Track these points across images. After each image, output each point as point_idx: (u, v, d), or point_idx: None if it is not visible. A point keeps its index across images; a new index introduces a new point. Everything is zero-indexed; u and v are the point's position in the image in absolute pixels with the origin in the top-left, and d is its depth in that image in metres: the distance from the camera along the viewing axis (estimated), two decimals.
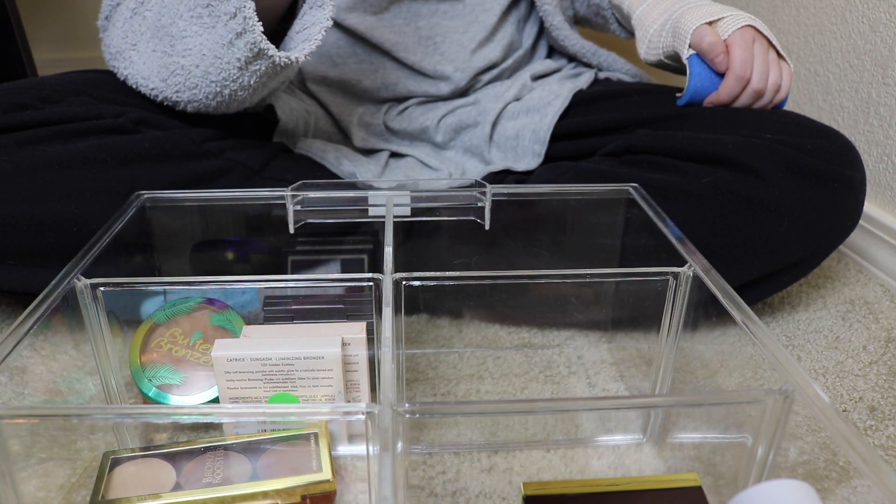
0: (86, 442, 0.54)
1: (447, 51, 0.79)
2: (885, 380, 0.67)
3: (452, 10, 0.80)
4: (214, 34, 0.61)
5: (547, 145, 0.78)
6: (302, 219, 0.62)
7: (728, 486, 0.47)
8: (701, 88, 0.72)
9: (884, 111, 0.88)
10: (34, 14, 1.61)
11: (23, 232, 0.62)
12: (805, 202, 0.65)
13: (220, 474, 0.48)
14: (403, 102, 0.81)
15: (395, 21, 0.78)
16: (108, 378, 0.54)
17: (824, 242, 0.69)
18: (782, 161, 0.65)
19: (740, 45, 0.69)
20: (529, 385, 0.66)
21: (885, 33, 0.86)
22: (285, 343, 0.52)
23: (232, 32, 0.59)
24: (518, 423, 0.59)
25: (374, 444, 0.38)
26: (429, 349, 0.71)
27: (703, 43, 0.69)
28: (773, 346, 0.41)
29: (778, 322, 0.77)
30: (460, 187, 0.65)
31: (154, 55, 0.66)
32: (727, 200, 0.65)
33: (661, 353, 0.57)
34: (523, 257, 0.71)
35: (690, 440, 0.55)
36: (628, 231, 0.66)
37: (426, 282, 0.52)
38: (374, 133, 0.81)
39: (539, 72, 0.85)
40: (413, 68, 0.79)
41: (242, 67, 0.61)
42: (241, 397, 0.53)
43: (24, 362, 0.55)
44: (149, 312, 0.58)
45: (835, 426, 0.35)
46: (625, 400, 0.42)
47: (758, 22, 0.71)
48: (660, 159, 0.69)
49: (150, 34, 0.66)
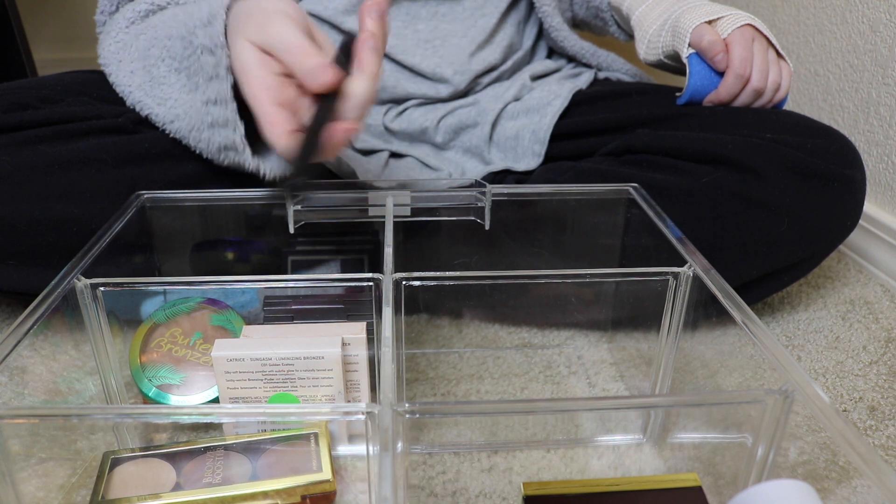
0: (86, 442, 0.54)
1: (446, 53, 0.79)
2: (885, 380, 0.67)
3: (452, 13, 0.80)
4: (194, 99, 0.58)
5: (547, 145, 0.78)
6: (302, 219, 0.62)
7: (728, 486, 0.47)
8: (700, 87, 0.72)
9: (884, 111, 0.88)
10: (34, 14, 1.61)
11: (23, 232, 0.61)
12: (805, 202, 0.65)
13: (220, 474, 0.48)
14: (403, 104, 0.81)
15: (393, 23, 0.78)
16: (108, 378, 0.54)
17: (824, 242, 0.69)
18: (782, 161, 0.65)
19: (740, 44, 0.69)
20: (529, 385, 0.66)
21: (885, 33, 0.86)
22: (285, 343, 0.52)
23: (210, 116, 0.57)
24: (518, 423, 0.59)
25: (374, 444, 0.38)
26: (429, 349, 0.71)
27: (702, 42, 0.69)
28: (773, 346, 0.41)
29: (778, 322, 0.77)
30: (460, 187, 0.64)
31: (135, 77, 0.64)
32: (727, 200, 0.65)
33: (661, 353, 0.57)
34: (523, 257, 0.71)
35: (690, 440, 0.55)
36: (628, 231, 0.66)
37: (426, 282, 0.52)
38: (373, 134, 0.81)
39: (539, 72, 0.85)
40: (412, 70, 0.79)
41: (217, 151, 0.59)
42: (241, 397, 0.53)
43: (24, 362, 0.55)
44: (149, 312, 0.58)
45: (835, 426, 0.35)
46: (625, 400, 0.42)
47: (757, 21, 0.71)
48: (660, 159, 0.69)
49: (137, 57, 0.64)
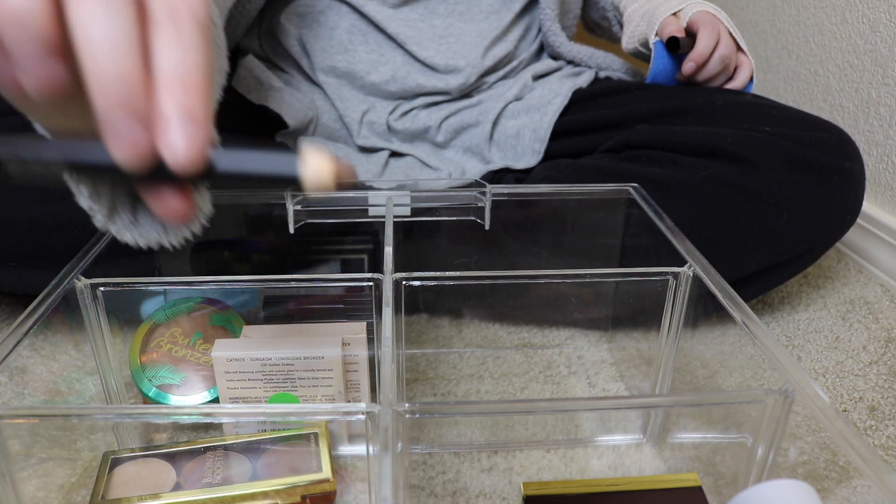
0: (86, 442, 0.54)
1: (460, 49, 0.80)
2: (885, 380, 0.67)
3: (469, 13, 0.81)
4: None
5: (547, 143, 0.78)
6: (302, 219, 0.62)
7: (728, 486, 0.47)
8: (663, 70, 0.81)
9: (884, 111, 0.88)
10: None
11: (24, 234, 0.61)
12: (804, 195, 0.65)
13: (220, 474, 0.48)
14: (410, 101, 0.81)
15: (410, 16, 0.79)
16: (108, 378, 0.54)
17: (824, 235, 0.69)
18: (781, 154, 0.65)
19: (705, 22, 0.76)
20: (529, 385, 0.66)
21: (885, 33, 0.86)
22: (285, 343, 0.52)
23: None
24: (518, 423, 0.59)
25: (374, 444, 0.38)
26: (429, 349, 0.71)
27: (665, 29, 0.77)
28: (773, 346, 0.41)
29: (778, 322, 0.77)
30: (460, 187, 0.65)
31: None
32: (727, 194, 0.65)
33: (661, 353, 0.57)
34: (523, 257, 0.71)
35: (690, 440, 0.55)
36: (628, 231, 0.66)
37: (426, 282, 0.52)
38: (375, 132, 0.81)
39: (540, 71, 0.85)
40: (424, 63, 0.79)
41: None
42: (241, 397, 0.53)
43: (24, 362, 0.55)
44: (149, 312, 0.58)
45: (835, 426, 0.35)
46: (625, 400, 0.42)
47: (722, 14, 0.79)
48: (659, 154, 0.69)
49: None
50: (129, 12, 0.26)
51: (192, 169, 0.27)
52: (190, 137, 0.26)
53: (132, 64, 0.26)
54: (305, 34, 0.79)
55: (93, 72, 0.25)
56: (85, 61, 0.25)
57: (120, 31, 0.26)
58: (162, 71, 0.27)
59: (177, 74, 0.27)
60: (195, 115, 0.27)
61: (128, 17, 0.26)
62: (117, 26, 0.25)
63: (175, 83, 0.26)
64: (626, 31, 0.84)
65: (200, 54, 0.27)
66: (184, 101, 0.26)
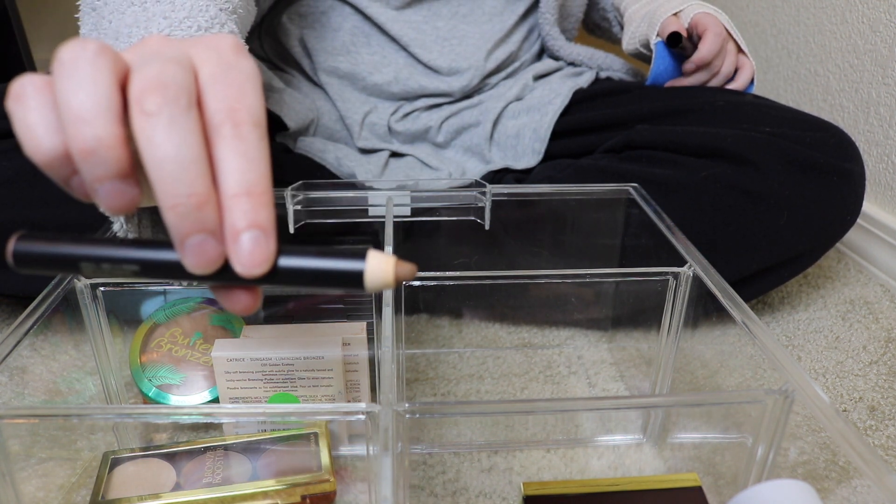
0: (86, 442, 0.54)
1: (463, 52, 0.80)
2: (885, 380, 0.67)
3: (472, 15, 0.81)
4: None
5: (547, 143, 0.78)
6: (302, 219, 0.62)
7: (728, 486, 0.47)
8: (664, 70, 0.81)
9: (884, 111, 0.88)
10: (34, 14, 1.61)
11: None
12: (804, 195, 0.65)
13: (220, 474, 0.48)
14: (412, 103, 0.81)
15: (414, 18, 0.79)
16: (108, 378, 0.54)
17: (824, 235, 0.69)
18: (781, 154, 0.65)
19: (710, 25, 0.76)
20: (529, 385, 0.66)
21: (885, 33, 0.86)
22: (285, 343, 0.52)
23: None
24: (518, 423, 0.59)
25: (374, 444, 0.38)
26: (429, 349, 0.71)
27: (666, 29, 0.77)
28: (773, 346, 0.41)
29: (778, 322, 0.77)
30: (460, 187, 0.65)
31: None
32: (727, 194, 0.65)
33: (661, 353, 0.57)
34: (523, 257, 0.71)
35: (690, 440, 0.55)
36: (628, 231, 0.66)
37: (426, 282, 0.52)
38: (376, 133, 0.81)
39: (541, 71, 0.85)
40: (427, 65, 0.79)
41: None
42: (241, 397, 0.53)
43: (24, 362, 0.55)
44: (149, 312, 0.58)
45: (835, 426, 0.35)
46: (625, 400, 0.42)
47: (723, 15, 0.78)
48: (659, 154, 0.69)
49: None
50: (194, 127, 0.27)
51: (260, 275, 0.28)
52: (259, 248, 0.28)
53: (201, 182, 0.27)
54: (307, 34, 0.79)
55: (164, 193, 0.26)
56: (156, 183, 0.26)
57: (187, 148, 0.26)
58: (228, 183, 0.27)
59: (243, 185, 0.27)
60: (263, 225, 0.28)
61: (193, 131, 0.27)
62: (184, 143, 0.26)
63: (242, 195, 0.27)
64: (627, 32, 0.84)
65: (263, 161, 0.28)
66: (251, 214, 0.27)
